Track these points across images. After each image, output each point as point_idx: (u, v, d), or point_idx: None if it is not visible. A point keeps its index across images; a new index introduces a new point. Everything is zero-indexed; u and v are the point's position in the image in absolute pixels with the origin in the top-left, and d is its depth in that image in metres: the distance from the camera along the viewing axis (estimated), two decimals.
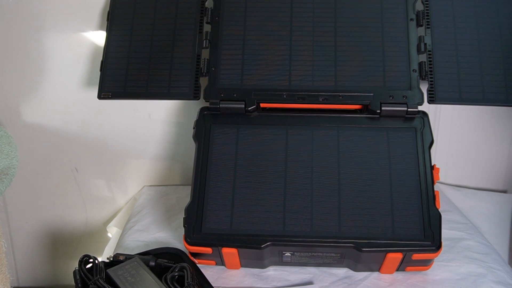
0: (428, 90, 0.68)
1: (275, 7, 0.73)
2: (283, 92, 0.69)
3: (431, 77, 0.69)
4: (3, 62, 0.83)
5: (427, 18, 0.71)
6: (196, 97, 0.70)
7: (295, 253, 0.64)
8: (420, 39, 0.70)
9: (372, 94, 0.68)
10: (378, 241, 0.61)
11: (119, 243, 0.77)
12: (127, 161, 0.92)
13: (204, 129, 0.69)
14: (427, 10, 0.72)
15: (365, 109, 0.69)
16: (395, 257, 0.62)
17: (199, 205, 0.64)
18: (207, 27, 0.73)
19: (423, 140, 0.66)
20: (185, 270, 0.59)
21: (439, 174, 0.67)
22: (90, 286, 0.58)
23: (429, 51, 0.70)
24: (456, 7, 0.72)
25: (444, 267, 0.67)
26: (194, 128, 0.69)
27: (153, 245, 0.72)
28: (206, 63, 0.71)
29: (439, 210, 0.63)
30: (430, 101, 0.68)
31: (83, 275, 0.60)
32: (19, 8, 0.80)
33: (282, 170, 0.66)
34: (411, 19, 0.71)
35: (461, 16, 0.72)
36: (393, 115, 0.68)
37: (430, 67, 0.69)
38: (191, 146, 0.69)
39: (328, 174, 0.65)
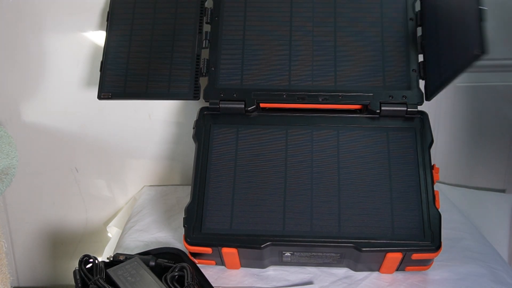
0: (425, 87, 0.68)
1: (275, 7, 0.73)
2: (283, 92, 0.69)
3: None
4: (3, 62, 0.83)
5: None
6: (196, 97, 0.70)
7: (295, 253, 0.64)
8: (420, 39, 0.70)
9: (371, 94, 0.68)
10: (378, 241, 0.61)
11: (119, 243, 0.77)
12: (127, 161, 0.92)
13: (204, 129, 0.69)
14: None
15: (365, 109, 0.69)
16: (395, 257, 0.62)
17: (199, 205, 0.64)
18: (207, 27, 0.73)
19: (423, 140, 0.66)
20: (185, 270, 0.59)
21: (439, 174, 0.67)
22: (90, 286, 0.58)
23: None
24: None
25: (444, 267, 0.67)
26: (194, 128, 0.69)
27: (153, 245, 0.72)
28: (206, 63, 0.71)
29: (439, 210, 0.63)
30: (429, 97, 0.67)
31: (83, 275, 0.60)
32: (19, 8, 0.80)
33: (282, 170, 0.66)
34: (411, 19, 0.71)
35: None
36: (392, 115, 0.68)
37: None
38: (191, 146, 0.69)
39: (328, 174, 0.65)
